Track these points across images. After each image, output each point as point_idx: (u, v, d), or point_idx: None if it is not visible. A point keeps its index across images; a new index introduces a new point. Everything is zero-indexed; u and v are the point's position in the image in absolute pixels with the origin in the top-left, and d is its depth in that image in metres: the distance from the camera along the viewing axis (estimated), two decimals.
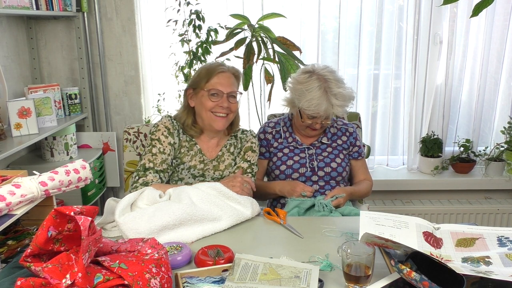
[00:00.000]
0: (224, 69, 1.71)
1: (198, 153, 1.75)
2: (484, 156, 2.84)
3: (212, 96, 1.68)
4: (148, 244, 1.10)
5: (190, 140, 1.76)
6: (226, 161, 1.77)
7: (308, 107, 1.76)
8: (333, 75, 1.80)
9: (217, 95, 1.67)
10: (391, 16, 2.74)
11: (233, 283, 1.05)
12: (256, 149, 1.81)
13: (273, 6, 2.67)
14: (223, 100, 1.67)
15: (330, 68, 1.84)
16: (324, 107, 1.75)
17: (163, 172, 1.66)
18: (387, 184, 2.83)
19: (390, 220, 1.22)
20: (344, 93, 1.77)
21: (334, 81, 1.77)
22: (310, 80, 1.78)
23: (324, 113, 1.78)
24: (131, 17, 2.72)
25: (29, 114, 2.21)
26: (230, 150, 1.79)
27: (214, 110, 1.68)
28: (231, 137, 1.82)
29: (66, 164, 1.41)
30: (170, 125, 1.72)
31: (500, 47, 2.74)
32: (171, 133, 1.71)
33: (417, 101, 2.82)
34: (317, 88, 1.75)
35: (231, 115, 1.72)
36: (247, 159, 1.77)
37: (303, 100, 1.77)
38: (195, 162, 1.74)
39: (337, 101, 1.75)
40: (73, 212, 0.98)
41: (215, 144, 1.79)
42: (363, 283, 1.06)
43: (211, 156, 1.77)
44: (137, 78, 2.81)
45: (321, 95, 1.74)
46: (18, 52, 2.58)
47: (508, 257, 1.09)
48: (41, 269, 0.95)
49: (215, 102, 1.67)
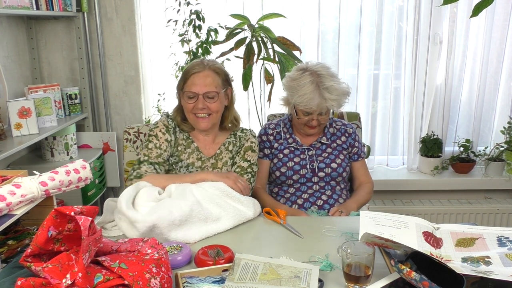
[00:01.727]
0: (199, 69, 1.69)
1: (195, 151, 1.76)
2: (484, 156, 2.84)
3: (188, 98, 1.69)
4: (148, 244, 1.11)
5: (187, 138, 1.77)
6: (224, 159, 1.77)
7: (301, 102, 1.77)
8: (326, 70, 1.81)
9: (193, 97, 1.68)
10: (391, 16, 2.74)
11: (233, 283, 1.05)
12: (256, 148, 1.81)
13: (273, 6, 2.67)
14: (198, 101, 1.67)
15: (324, 64, 1.86)
16: (317, 102, 1.75)
17: (158, 165, 1.66)
18: (387, 184, 2.83)
19: (390, 220, 1.22)
20: (336, 86, 1.77)
21: (327, 76, 1.78)
22: (303, 76, 1.79)
23: (318, 108, 1.78)
24: (131, 17, 2.72)
25: (29, 114, 2.21)
26: (228, 148, 1.79)
27: (194, 111, 1.70)
28: (231, 135, 1.82)
29: (66, 164, 1.41)
30: (167, 123, 1.75)
31: (500, 47, 2.74)
32: (169, 130, 1.73)
33: (417, 101, 2.82)
34: (309, 83, 1.76)
35: (214, 114, 1.72)
36: (247, 159, 1.77)
37: (295, 96, 1.78)
38: (192, 160, 1.74)
39: (330, 95, 1.75)
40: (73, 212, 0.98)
41: (211, 141, 1.79)
42: (363, 283, 1.06)
43: (208, 154, 1.77)
44: (137, 78, 2.81)
45: (314, 90, 1.75)
46: (18, 52, 2.58)
47: (508, 257, 1.09)
48: (41, 269, 0.95)
49: (192, 104, 1.68)
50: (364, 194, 1.91)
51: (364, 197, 1.91)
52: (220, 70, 1.74)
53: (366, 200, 1.92)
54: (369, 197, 1.94)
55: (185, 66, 1.74)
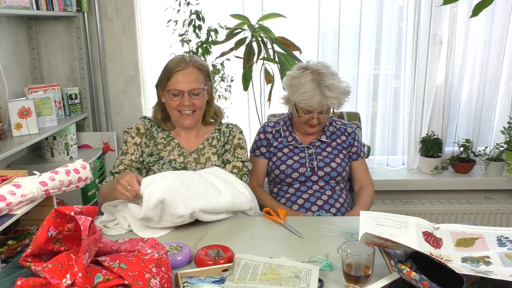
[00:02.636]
0: (182, 66, 1.69)
1: (176, 147, 1.76)
2: (484, 156, 2.84)
3: (173, 96, 1.69)
4: (148, 244, 1.11)
5: (167, 136, 1.78)
6: (206, 154, 1.77)
7: (302, 100, 1.78)
8: (327, 69, 1.82)
9: (178, 94, 1.69)
10: (391, 16, 2.74)
11: (233, 283, 1.05)
12: (244, 145, 1.80)
13: (273, 6, 2.67)
14: (184, 99, 1.68)
15: (324, 63, 1.87)
16: (318, 99, 1.76)
17: (118, 173, 1.68)
18: (387, 184, 2.83)
19: (390, 220, 1.22)
20: (337, 85, 1.78)
21: (328, 74, 1.79)
22: (304, 74, 1.80)
23: (318, 106, 1.78)
24: (131, 17, 2.72)
25: (29, 114, 2.21)
26: (212, 143, 1.79)
27: (179, 108, 1.70)
28: (215, 130, 1.82)
29: (66, 164, 1.41)
30: (142, 125, 1.77)
31: (500, 47, 2.74)
32: (141, 133, 1.75)
33: (417, 101, 2.82)
34: (310, 81, 1.77)
35: (198, 111, 1.73)
36: (239, 157, 1.77)
37: (296, 94, 1.79)
38: (174, 156, 1.74)
39: (331, 93, 1.76)
40: (73, 212, 0.98)
41: (194, 136, 1.80)
42: (363, 283, 1.06)
43: (190, 149, 1.77)
44: (137, 78, 2.81)
45: (314, 88, 1.76)
46: (18, 52, 2.58)
47: (507, 257, 1.09)
48: (41, 269, 0.95)
49: (177, 101, 1.69)
50: (368, 198, 1.91)
51: (368, 200, 1.90)
52: (203, 67, 1.75)
53: (371, 203, 1.92)
54: (373, 199, 1.94)
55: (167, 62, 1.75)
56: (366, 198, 1.91)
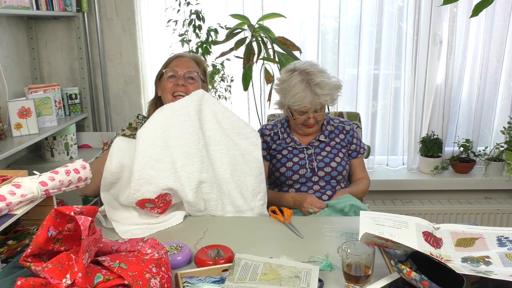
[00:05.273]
0: (182, 54, 1.79)
1: None
2: (484, 156, 2.84)
3: (170, 78, 1.72)
4: (148, 244, 1.11)
5: None
6: None
7: (294, 102, 1.78)
8: (314, 67, 1.82)
9: (174, 76, 1.71)
10: (391, 16, 2.74)
11: (233, 283, 1.05)
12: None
13: (273, 6, 2.67)
14: (179, 79, 1.70)
15: (311, 61, 1.88)
16: (310, 99, 1.76)
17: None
18: (387, 184, 2.83)
19: (390, 220, 1.22)
20: (327, 81, 1.79)
21: (316, 72, 1.80)
22: (292, 76, 1.81)
23: (312, 105, 1.79)
24: (131, 17, 2.72)
25: (29, 114, 2.21)
26: None
27: (174, 90, 1.70)
28: None
29: (66, 164, 1.41)
30: (135, 121, 1.78)
31: (500, 47, 2.74)
32: (132, 127, 1.75)
33: (417, 101, 2.82)
34: (299, 82, 1.78)
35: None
36: None
37: (288, 97, 1.79)
38: None
39: (322, 90, 1.77)
40: (73, 212, 0.98)
41: None
42: (363, 283, 1.06)
43: None
44: (137, 78, 2.81)
45: (305, 88, 1.76)
46: (18, 52, 2.58)
47: (507, 257, 1.09)
48: (41, 269, 0.95)
49: (173, 83, 1.71)
50: (361, 188, 1.91)
51: (361, 188, 1.90)
52: (199, 60, 1.80)
53: (362, 192, 1.91)
54: (366, 191, 1.93)
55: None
56: (359, 187, 1.90)
